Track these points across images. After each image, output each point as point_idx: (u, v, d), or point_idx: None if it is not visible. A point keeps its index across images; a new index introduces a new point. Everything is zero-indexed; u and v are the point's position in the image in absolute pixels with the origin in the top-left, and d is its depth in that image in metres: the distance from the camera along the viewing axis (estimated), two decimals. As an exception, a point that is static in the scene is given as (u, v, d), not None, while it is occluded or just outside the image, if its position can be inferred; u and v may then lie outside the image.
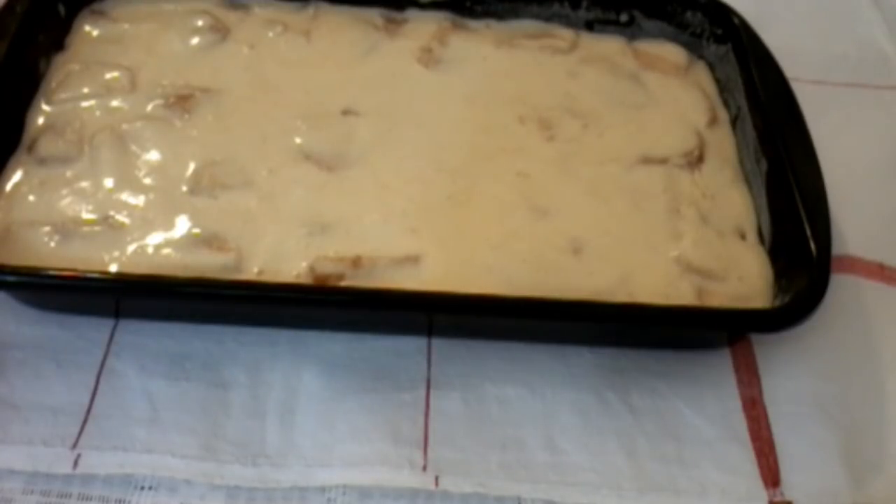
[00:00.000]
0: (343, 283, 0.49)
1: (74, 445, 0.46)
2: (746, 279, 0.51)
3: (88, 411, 0.48)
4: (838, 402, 0.51)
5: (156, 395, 0.49)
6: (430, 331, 0.52)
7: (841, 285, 0.55)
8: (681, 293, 0.50)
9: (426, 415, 0.49)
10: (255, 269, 0.49)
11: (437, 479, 0.47)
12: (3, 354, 0.49)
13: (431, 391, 0.50)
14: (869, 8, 0.75)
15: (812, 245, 0.49)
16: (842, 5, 0.75)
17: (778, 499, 0.48)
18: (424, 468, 0.47)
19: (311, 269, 0.49)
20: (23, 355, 0.49)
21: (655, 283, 0.50)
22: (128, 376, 0.49)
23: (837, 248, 0.57)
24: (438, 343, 0.52)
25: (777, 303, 0.49)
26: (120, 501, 0.45)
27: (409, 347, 0.51)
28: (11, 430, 0.46)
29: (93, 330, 0.51)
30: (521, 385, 0.51)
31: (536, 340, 0.52)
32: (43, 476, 0.46)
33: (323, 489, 0.46)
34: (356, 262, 0.49)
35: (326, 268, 0.49)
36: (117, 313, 0.51)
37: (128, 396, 0.48)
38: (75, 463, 0.46)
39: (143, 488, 0.46)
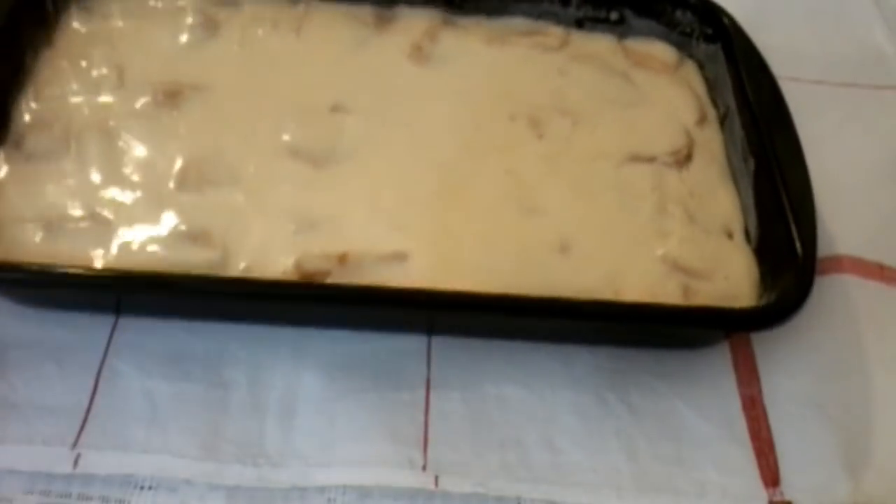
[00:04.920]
0: (329, 280, 0.48)
1: (74, 445, 0.46)
2: (732, 278, 0.51)
3: (88, 411, 0.48)
4: (838, 402, 0.51)
5: (156, 394, 0.48)
6: (429, 329, 0.52)
7: (841, 285, 0.55)
8: (667, 292, 0.50)
9: (426, 415, 0.49)
10: (240, 265, 0.49)
11: (436, 479, 0.47)
12: (3, 354, 0.49)
13: (431, 391, 0.50)
14: (868, 8, 0.75)
15: (798, 245, 0.49)
16: (842, 5, 0.75)
17: (778, 499, 0.48)
18: (424, 468, 0.47)
19: (298, 265, 0.49)
20: (23, 355, 0.49)
21: (642, 282, 0.50)
22: (128, 376, 0.49)
23: (837, 249, 0.57)
24: (438, 343, 0.52)
25: (763, 302, 0.49)
26: (120, 501, 0.45)
27: (408, 348, 0.51)
28: (12, 429, 0.46)
29: (93, 329, 0.51)
30: (520, 385, 0.51)
31: (528, 338, 0.52)
32: (43, 476, 0.46)
33: (323, 489, 0.46)
34: (342, 259, 0.49)
35: (312, 264, 0.49)
36: (117, 309, 0.51)
37: (128, 396, 0.48)
38: (75, 463, 0.46)
39: (143, 488, 0.46)
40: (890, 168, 0.63)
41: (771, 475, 0.49)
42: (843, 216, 0.58)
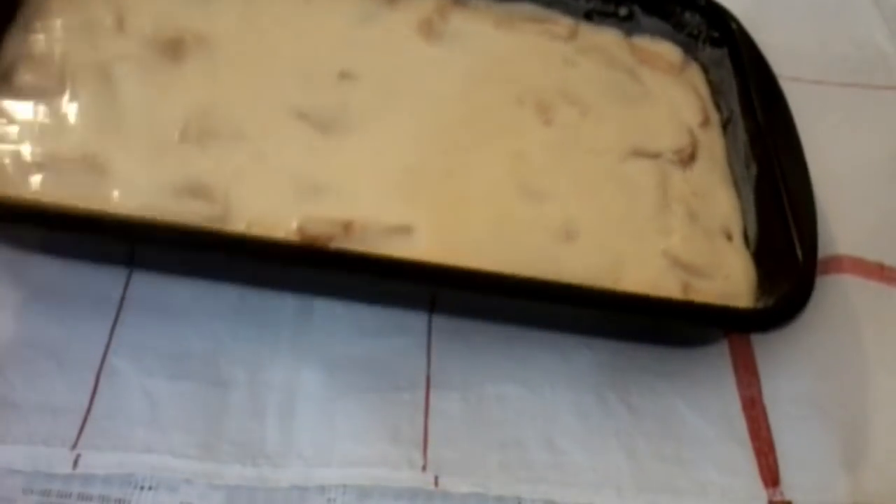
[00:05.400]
0: (332, 246, 0.48)
1: (74, 445, 0.46)
2: (732, 278, 0.51)
3: (88, 411, 0.47)
4: (838, 403, 0.51)
5: (155, 394, 0.48)
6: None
7: (841, 285, 0.55)
8: (667, 286, 0.50)
9: (426, 414, 0.49)
10: (241, 223, 0.48)
11: (436, 478, 0.47)
12: (3, 354, 0.49)
13: (431, 391, 0.50)
14: (868, 8, 0.75)
15: (798, 250, 0.49)
16: (842, 5, 0.75)
17: (778, 499, 0.48)
18: (424, 468, 0.47)
19: (301, 228, 0.48)
20: (22, 354, 0.49)
21: (643, 274, 0.50)
22: (127, 375, 0.49)
23: (838, 249, 0.57)
24: (438, 342, 0.52)
25: (760, 305, 0.49)
26: (120, 501, 0.45)
27: (408, 346, 0.51)
28: (11, 429, 0.46)
29: (93, 328, 0.50)
30: (520, 384, 0.51)
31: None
32: (43, 476, 0.46)
33: (323, 489, 0.46)
34: (347, 227, 0.48)
35: (317, 228, 0.48)
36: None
37: (127, 396, 0.48)
38: (75, 463, 0.46)
39: (143, 488, 0.46)
40: (890, 167, 0.63)
41: (771, 475, 0.49)
42: (844, 216, 0.58)
